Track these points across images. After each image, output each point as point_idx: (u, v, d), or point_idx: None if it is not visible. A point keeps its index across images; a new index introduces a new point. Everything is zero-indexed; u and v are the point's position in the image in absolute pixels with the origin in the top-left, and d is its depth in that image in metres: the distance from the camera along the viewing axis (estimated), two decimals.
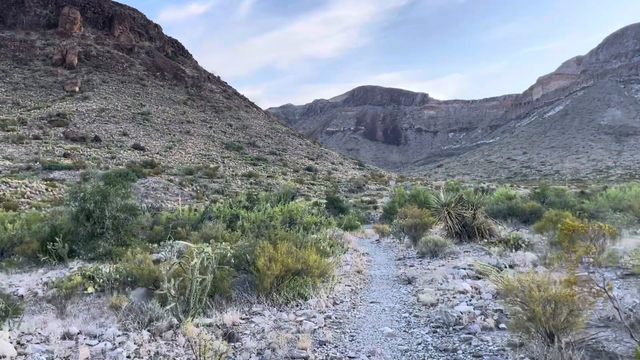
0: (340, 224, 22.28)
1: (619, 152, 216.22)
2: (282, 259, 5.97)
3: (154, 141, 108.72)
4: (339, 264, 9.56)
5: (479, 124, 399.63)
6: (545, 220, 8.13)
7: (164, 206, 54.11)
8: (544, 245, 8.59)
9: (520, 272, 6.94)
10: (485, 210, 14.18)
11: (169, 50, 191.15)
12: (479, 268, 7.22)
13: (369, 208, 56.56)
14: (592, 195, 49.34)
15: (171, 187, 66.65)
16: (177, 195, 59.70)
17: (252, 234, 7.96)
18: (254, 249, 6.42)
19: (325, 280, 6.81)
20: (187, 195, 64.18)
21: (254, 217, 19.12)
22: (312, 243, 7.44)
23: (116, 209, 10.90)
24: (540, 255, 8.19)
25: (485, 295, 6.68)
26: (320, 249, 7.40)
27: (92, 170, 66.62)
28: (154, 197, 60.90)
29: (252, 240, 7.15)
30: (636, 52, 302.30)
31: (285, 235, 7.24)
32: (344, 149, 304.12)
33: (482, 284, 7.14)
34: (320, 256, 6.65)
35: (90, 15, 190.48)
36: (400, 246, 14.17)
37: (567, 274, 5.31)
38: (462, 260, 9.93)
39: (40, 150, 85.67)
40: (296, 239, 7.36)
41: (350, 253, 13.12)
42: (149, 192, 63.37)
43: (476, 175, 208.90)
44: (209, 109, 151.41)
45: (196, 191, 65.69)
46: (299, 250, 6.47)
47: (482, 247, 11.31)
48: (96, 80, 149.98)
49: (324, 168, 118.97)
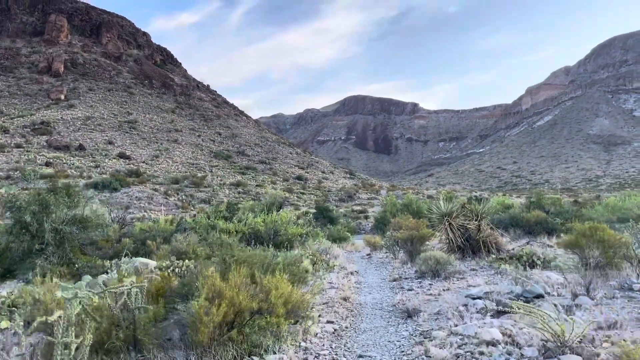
0: (328, 235, 20.64)
1: (608, 161, 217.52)
2: (232, 295, 4.25)
3: (140, 150, 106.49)
4: (321, 290, 7.87)
5: (469, 134, 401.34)
6: (577, 235, 6.58)
7: (147, 216, 52.12)
8: (575, 266, 7.00)
9: (555, 304, 5.32)
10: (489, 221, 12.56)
11: (158, 59, 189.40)
12: (521, 312, 4.93)
13: (359, 218, 54.92)
14: (585, 205, 48.17)
15: (156, 196, 64.56)
16: (161, 205, 57.68)
17: (203, 254, 6.18)
18: (196, 279, 4.66)
19: (298, 320, 5.06)
20: (172, 205, 62.14)
21: (232, 228, 17.38)
22: (284, 265, 5.68)
23: (60, 220, 9.19)
24: (571, 278, 6.55)
25: (529, 351, 4.52)
26: (295, 274, 5.63)
27: (32, 174, 60.97)
28: (137, 207, 58.82)
29: (200, 266, 5.38)
30: (623, 62, 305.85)
31: (245, 256, 5.44)
32: (335, 159, 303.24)
33: (512, 326, 5.13)
34: (293, 285, 4.92)
35: (78, 23, 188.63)
36: (395, 262, 12.36)
37: None
38: (469, 281, 8.30)
39: (22, 159, 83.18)
40: (263, 261, 5.57)
41: (337, 272, 11.36)
42: (133, 201, 61.26)
43: (467, 185, 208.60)
44: (197, 117, 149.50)
45: (182, 201, 63.68)
46: (264, 278, 4.77)
47: (490, 264, 9.73)
48: (82, 88, 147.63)
49: (315, 177, 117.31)
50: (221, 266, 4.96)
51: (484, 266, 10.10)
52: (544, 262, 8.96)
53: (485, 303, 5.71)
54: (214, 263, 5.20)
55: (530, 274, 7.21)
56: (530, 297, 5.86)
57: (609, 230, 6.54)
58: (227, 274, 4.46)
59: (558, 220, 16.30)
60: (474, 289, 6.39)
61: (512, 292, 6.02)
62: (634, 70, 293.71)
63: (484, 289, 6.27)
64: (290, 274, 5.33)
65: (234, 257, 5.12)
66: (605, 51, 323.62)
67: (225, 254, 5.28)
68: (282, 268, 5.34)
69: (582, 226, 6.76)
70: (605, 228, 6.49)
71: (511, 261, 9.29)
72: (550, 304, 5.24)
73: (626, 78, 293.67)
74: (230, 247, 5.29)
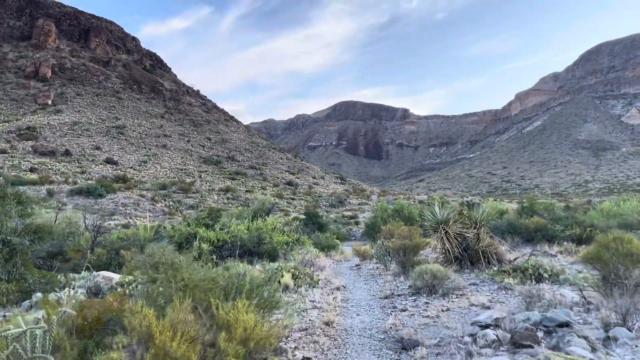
0: (315, 243, 19.64)
1: (597, 166, 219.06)
2: (164, 341, 3.16)
3: (128, 155, 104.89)
4: (300, 312, 6.80)
5: (459, 139, 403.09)
6: (598, 247, 5.66)
7: (132, 223, 50.79)
8: (595, 283, 6.05)
9: (586, 337, 4.32)
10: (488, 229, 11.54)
11: (147, 64, 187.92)
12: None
13: (350, 223, 53.97)
14: (577, 210, 47.66)
15: (142, 202, 63.17)
16: (147, 211, 56.32)
17: (145, 276, 4.92)
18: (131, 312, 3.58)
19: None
20: (160, 211, 60.79)
21: (214, 236, 16.35)
22: (253, 287, 4.48)
23: (9, 231, 8.12)
24: (590, 299, 5.60)
25: None
26: (265, 301, 4.43)
27: None
28: (122, 214, 57.42)
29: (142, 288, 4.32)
30: (611, 68, 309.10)
31: (198, 279, 4.22)
32: (326, 164, 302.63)
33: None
34: (263, 311, 3.86)
35: (66, 28, 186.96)
36: (387, 275, 11.29)
37: None
38: (471, 299, 7.29)
39: (6, 165, 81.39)
40: (227, 283, 4.36)
41: (321, 286, 10.19)
42: (118, 208, 59.83)
43: (457, 190, 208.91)
44: (187, 122, 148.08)
45: (169, 207, 62.34)
46: (223, 307, 3.70)
47: (492, 277, 8.78)
48: (70, 93, 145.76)
49: (305, 182, 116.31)
50: (159, 297, 3.88)
51: (485, 280, 9.11)
52: (552, 275, 8.05)
53: (497, 334, 4.69)
54: (159, 288, 4.13)
55: (539, 290, 6.26)
56: (552, 326, 4.86)
57: (636, 241, 5.64)
58: (166, 310, 3.43)
59: (558, 227, 15.41)
60: (482, 315, 5.39)
61: (529, 319, 5.01)
62: (621, 76, 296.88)
63: (493, 314, 5.27)
64: (259, 298, 4.28)
65: (183, 282, 4.04)
66: (593, 57, 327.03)
67: (171, 278, 4.18)
68: (254, 291, 4.26)
69: (604, 237, 5.87)
70: (632, 239, 5.60)
71: (515, 274, 8.34)
72: (580, 338, 4.27)
73: (614, 84, 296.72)
74: (178, 268, 4.19)
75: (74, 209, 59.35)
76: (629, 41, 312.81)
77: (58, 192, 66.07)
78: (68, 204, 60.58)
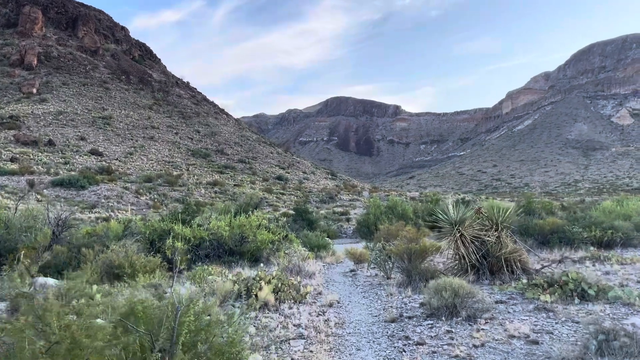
0: (304, 242, 17.94)
1: (586, 166, 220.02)
2: None
3: (114, 147, 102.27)
4: (279, 347, 5.07)
5: (450, 137, 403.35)
6: None
7: (114, 216, 48.77)
8: None
9: None
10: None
11: (136, 54, 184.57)
12: None
13: (341, 220, 52.38)
14: (571, 210, 46.52)
15: (126, 195, 61.05)
16: (129, 204, 54.26)
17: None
18: None
19: None
20: (144, 204, 58.74)
21: (189, 233, 14.57)
22: (200, 330, 2.78)
23: None
24: None
25: None
26: (220, 352, 2.76)
27: None
28: (104, 206, 55.31)
29: None
30: (602, 68, 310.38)
31: (83, 330, 2.47)
32: (317, 159, 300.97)
33: None
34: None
35: (53, 16, 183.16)
36: (389, 286, 9.43)
37: None
38: (507, 326, 5.56)
39: None
40: (155, 324, 2.70)
41: (310, 302, 8.29)
42: (100, 200, 57.68)
43: (448, 187, 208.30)
44: (176, 114, 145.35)
45: (153, 200, 60.28)
46: None
47: (521, 292, 7.17)
48: (56, 82, 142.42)
49: (295, 177, 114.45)
50: None
51: (513, 295, 7.36)
52: (599, 291, 6.42)
53: None
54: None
55: (600, 318, 4.71)
56: None
57: None
58: None
59: (577, 229, 13.78)
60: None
61: None
62: (612, 77, 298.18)
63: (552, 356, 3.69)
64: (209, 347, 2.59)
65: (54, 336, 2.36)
66: (584, 57, 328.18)
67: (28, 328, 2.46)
68: (196, 333, 2.57)
69: None
70: None
71: (553, 289, 6.69)
72: None
73: (604, 84, 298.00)
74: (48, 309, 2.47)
75: (54, 200, 57.13)
76: (620, 42, 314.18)
77: (38, 183, 63.77)
78: (48, 195, 58.30)
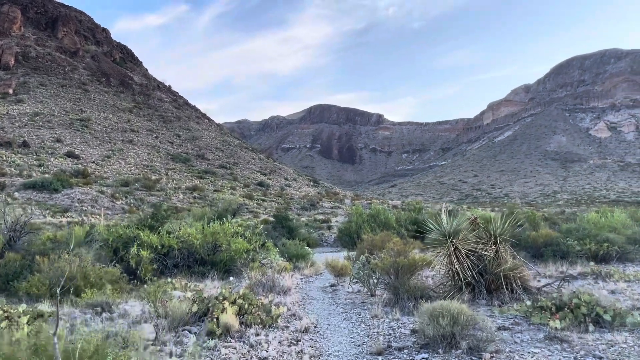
0: (283, 251, 16.96)
1: (565, 177, 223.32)
2: None
3: (91, 149, 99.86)
4: None
5: (431, 146, 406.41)
6: None
7: (86, 220, 47.01)
8: None
9: None
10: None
11: (117, 56, 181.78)
12: None
13: (322, 227, 51.49)
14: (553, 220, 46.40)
15: (101, 199, 59.24)
16: (102, 208, 52.48)
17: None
18: None
19: None
20: (119, 209, 56.99)
21: (157, 241, 13.49)
22: None
23: None
24: None
25: None
26: None
27: None
28: (77, 210, 53.47)
29: None
30: (581, 82, 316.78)
31: None
32: (300, 166, 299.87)
33: None
34: None
35: (33, 15, 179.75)
36: (373, 305, 8.40)
37: None
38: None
39: None
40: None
41: (281, 327, 7.04)
42: (74, 204, 55.79)
43: (429, 196, 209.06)
44: (156, 118, 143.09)
45: (129, 205, 58.57)
46: None
47: (526, 315, 6.27)
48: (33, 83, 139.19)
49: (277, 184, 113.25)
50: None
51: (517, 320, 6.55)
52: (616, 316, 5.59)
53: None
54: None
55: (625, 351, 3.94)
56: None
57: None
58: None
59: (571, 242, 13.06)
60: None
61: None
62: (590, 90, 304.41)
63: None
64: None
65: None
66: (563, 71, 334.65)
67: None
68: None
69: None
70: None
71: (562, 313, 5.82)
72: None
73: (583, 97, 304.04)
74: None
75: (25, 203, 55.01)
76: (599, 56, 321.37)
77: (10, 185, 61.55)
78: (19, 198, 56.15)
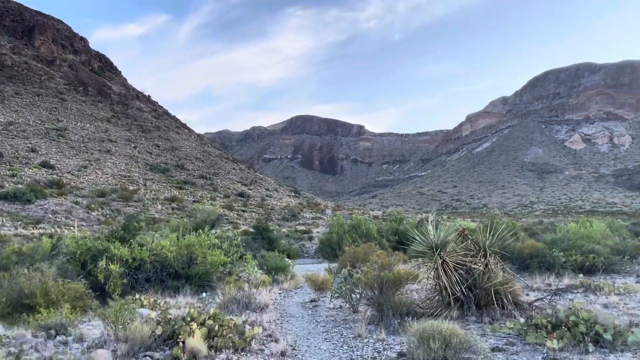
0: (262, 263, 16.46)
1: (541, 188, 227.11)
2: None
3: (67, 159, 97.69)
4: None
5: (411, 157, 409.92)
6: None
7: (59, 232, 45.62)
8: None
9: None
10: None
11: (96, 65, 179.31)
12: None
13: (303, 238, 50.94)
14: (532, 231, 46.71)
15: (76, 210, 57.70)
16: (80, 219, 51.10)
17: None
18: None
19: None
20: (94, 220, 55.56)
21: (127, 254, 12.87)
22: None
23: None
24: None
25: None
26: None
27: None
28: (51, 222, 51.93)
29: None
30: (556, 95, 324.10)
31: None
32: (281, 177, 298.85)
33: None
34: None
35: (9, 24, 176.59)
36: (357, 324, 7.92)
37: None
38: None
39: None
40: None
41: (256, 350, 6.46)
42: (47, 215, 54.20)
43: (409, 207, 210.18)
44: (135, 128, 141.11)
45: (105, 216, 57.17)
46: None
47: (519, 334, 5.88)
48: (8, 92, 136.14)
49: (258, 194, 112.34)
50: None
51: (510, 339, 6.15)
52: (616, 335, 5.27)
53: None
54: None
55: None
56: None
57: None
58: None
59: (557, 253, 12.87)
60: None
61: None
62: (565, 103, 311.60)
63: None
64: None
65: None
66: (539, 84, 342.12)
67: None
68: None
69: None
70: None
71: (560, 332, 5.45)
72: None
73: (558, 110, 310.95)
74: None
75: None
76: (573, 70, 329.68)
77: None
78: None
